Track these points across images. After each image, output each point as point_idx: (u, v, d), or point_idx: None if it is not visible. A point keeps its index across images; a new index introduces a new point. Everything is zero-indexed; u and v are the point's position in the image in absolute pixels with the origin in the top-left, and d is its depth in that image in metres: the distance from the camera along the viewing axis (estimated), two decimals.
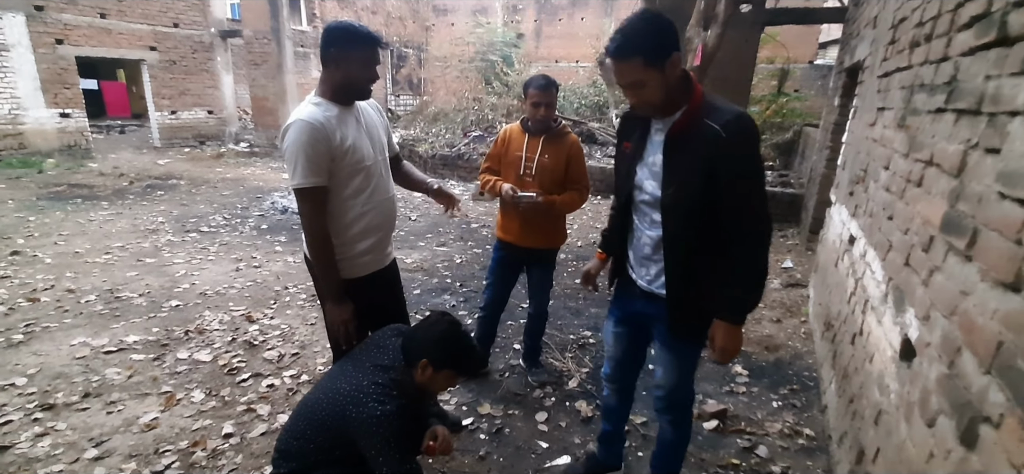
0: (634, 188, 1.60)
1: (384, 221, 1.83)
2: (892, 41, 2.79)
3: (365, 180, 1.72)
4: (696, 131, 1.39)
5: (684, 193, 1.43)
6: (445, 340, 1.57)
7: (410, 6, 18.00)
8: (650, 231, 1.58)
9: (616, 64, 1.38)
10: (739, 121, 1.36)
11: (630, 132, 1.64)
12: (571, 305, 3.84)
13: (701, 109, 1.40)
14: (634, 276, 1.68)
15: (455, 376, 1.61)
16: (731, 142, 1.34)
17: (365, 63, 1.65)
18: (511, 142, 2.51)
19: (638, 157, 1.58)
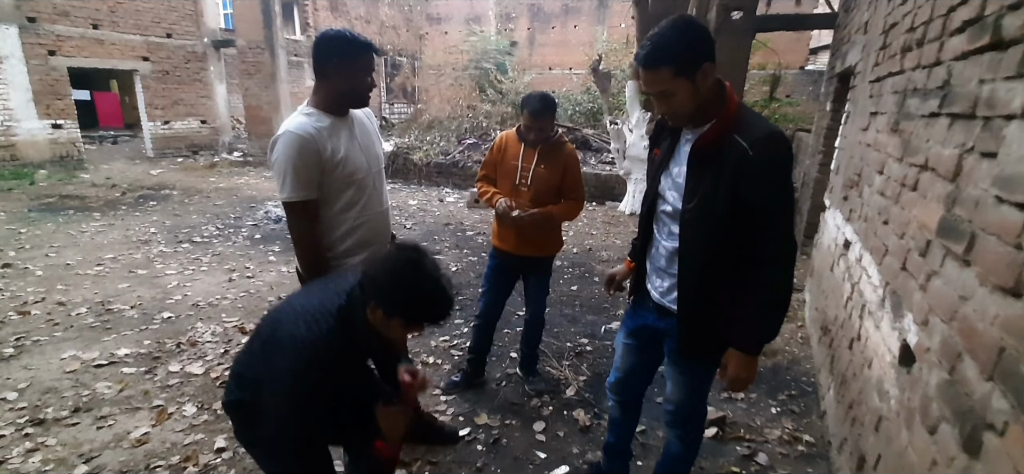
0: (657, 197, 1.57)
1: (377, 235, 1.81)
2: (883, 46, 2.80)
3: (357, 193, 1.70)
4: (724, 146, 1.34)
5: (704, 208, 1.38)
6: (398, 284, 1.23)
7: (404, 15, 18.05)
8: (667, 242, 1.54)
9: (644, 73, 1.34)
10: (770, 140, 1.30)
11: (661, 138, 1.61)
12: (567, 312, 3.83)
13: (732, 123, 1.35)
14: (649, 287, 1.65)
15: (411, 326, 1.31)
16: (758, 162, 1.29)
17: (364, 71, 1.64)
18: (507, 150, 2.50)
19: (664, 165, 1.54)
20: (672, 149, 1.53)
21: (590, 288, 4.38)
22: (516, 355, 3.08)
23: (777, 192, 1.32)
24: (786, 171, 1.34)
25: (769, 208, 1.32)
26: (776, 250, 1.34)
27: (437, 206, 7.85)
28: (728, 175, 1.32)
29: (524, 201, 2.43)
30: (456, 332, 3.46)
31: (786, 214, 1.35)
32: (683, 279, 1.49)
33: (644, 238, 1.67)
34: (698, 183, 1.40)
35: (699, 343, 1.52)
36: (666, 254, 1.55)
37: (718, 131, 1.36)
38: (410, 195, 8.58)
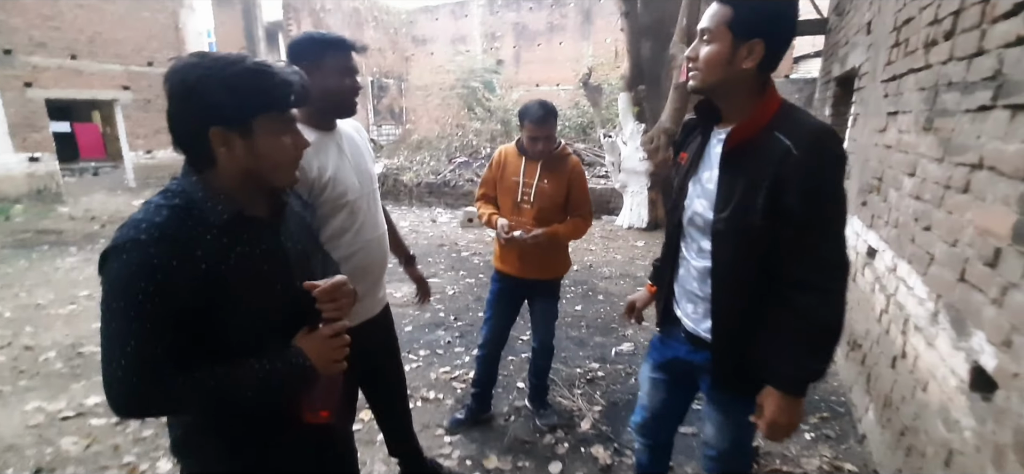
0: (684, 208, 1.36)
1: (374, 262, 1.60)
2: (897, 44, 2.68)
3: (350, 217, 1.49)
4: (762, 145, 1.15)
5: (740, 219, 1.18)
6: (229, 75, 0.90)
7: (389, 37, 18.00)
8: (698, 261, 1.33)
9: (714, 3, 1.18)
10: (819, 138, 1.10)
11: (689, 141, 1.42)
12: (574, 335, 3.62)
13: (772, 118, 1.17)
14: (679, 313, 1.43)
15: (285, 119, 0.97)
16: (804, 163, 1.08)
17: (342, 71, 1.44)
18: (507, 166, 2.32)
19: (693, 171, 1.34)
20: (701, 151, 1.33)
21: (595, 307, 4.18)
22: (523, 385, 2.87)
23: (826, 200, 1.12)
24: (837, 175, 1.13)
25: (815, 220, 1.11)
26: (823, 272, 1.13)
27: (429, 227, 7.64)
28: (767, 179, 1.12)
29: (527, 219, 2.25)
30: (457, 361, 3.24)
31: (836, 228, 1.14)
32: (718, 304, 1.28)
33: (670, 257, 1.46)
34: (732, 189, 1.19)
35: (741, 379, 1.29)
36: (697, 274, 1.33)
37: (755, 126, 1.16)
38: (401, 216, 8.37)
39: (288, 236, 1.07)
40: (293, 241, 1.08)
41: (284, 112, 0.97)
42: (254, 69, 0.93)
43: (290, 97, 0.96)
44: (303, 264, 1.10)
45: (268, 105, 0.94)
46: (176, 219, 0.89)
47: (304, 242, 1.13)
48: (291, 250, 1.06)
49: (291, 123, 1.00)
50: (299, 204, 1.18)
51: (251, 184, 0.98)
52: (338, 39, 1.44)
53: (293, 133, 1.01)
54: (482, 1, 17.95)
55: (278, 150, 0.97)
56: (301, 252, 1.10)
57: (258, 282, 0.97)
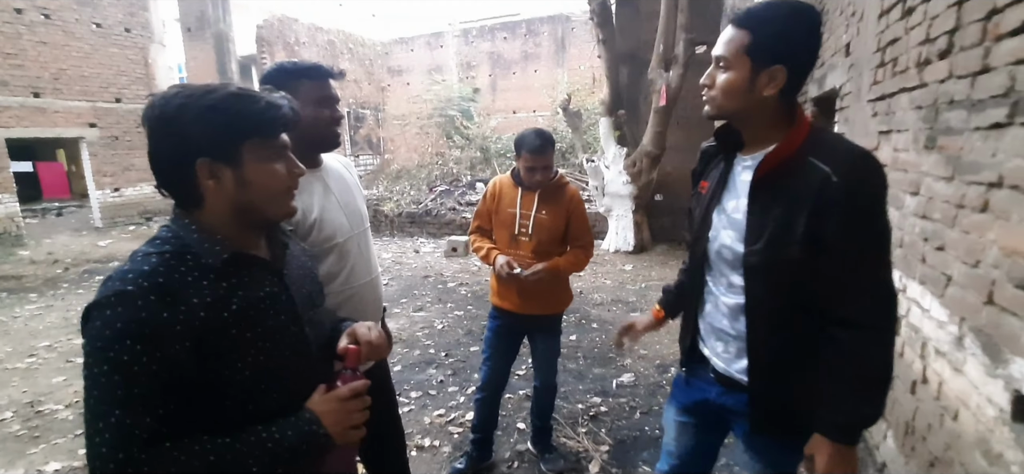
0: (708, 241, 1.27)
1: (367, 309, 1.47)
2: (882, 64, 2.70)
3: (339, 261, 1.37)
4: (797, 171, 1.08)
5: (775, 252, 1.10)
6: (215, 103, 0.81)
7: (364, 68, 17.99)
8: (728, 297, 1.23)
9: (729, 28, 1.12)
10: (859, 163, 1.03)
11: (709, 168, 1.34)
12: (572, 367, 3.49)
13: (806, 144, 1.10)
14: (706, 352, 1.33)
15: (275, 145, 0.87)
16: (846, 189, 1.01)
17: (319, 100, 1.33)
18: (502, 197, 2.23)
19: (716, 200, 1.26)
20: (724, 179, 1.25)
21: (590, 336, 4.07)
22: (524, 426, 2.72)
23: (871, 229, 1.04)
24: (881, 203, 1.06)
25: (860, 250, 1.04)
26: (869, 307, 1.05)
27: (413, 258, 7.47)
28: (805, 208, 1.04)
29: (525, 253, 2.15)
30: (451, 403, 3.07)
31: (882, 259, 1.07)
32: (754, 343, 1.18)
33: (695, 292, 1.36)
34: (764, 219, 1.11)
35: (781, 423, 1.19)
36: (727, 311, 1.24)
37: (787, 152, 1.09)
38: (383, 248, 8.17)
39: (292, 281, 0.96)
40: (297, 286, 0.97)
41: (273, 137, 0.88)
42: (237, 95, 0.84)
43: (279, 121, 0.87)
44: (310, 312, 0.98)
45: (255, 131, 0.85)
46: (167, 266, 0.79)
47: (309, 287, 1.02)
48: (297, 295, 0.95)
49: (282, 149, 0.90)
50: (298, 247, 1.07)
51: (246, 219, 0.88)
52: (313, 66, 1.34)
53: (286, 159, 0.91)
54: (457, 32, 18.16)
55: (271, 179, 0.88)
56: (307, 297, 0.99)
57: (264, 331, 0.86)
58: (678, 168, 7.15)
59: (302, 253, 1.08)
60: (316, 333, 0.98)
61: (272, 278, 0.91)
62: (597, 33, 7.14)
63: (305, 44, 15.65)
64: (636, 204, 7.05)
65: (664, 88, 6.43)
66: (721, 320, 1.27)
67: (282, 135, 0.89)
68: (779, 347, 1.15)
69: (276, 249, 0.96)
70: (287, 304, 0.92)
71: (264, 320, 0.87)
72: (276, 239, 0.97)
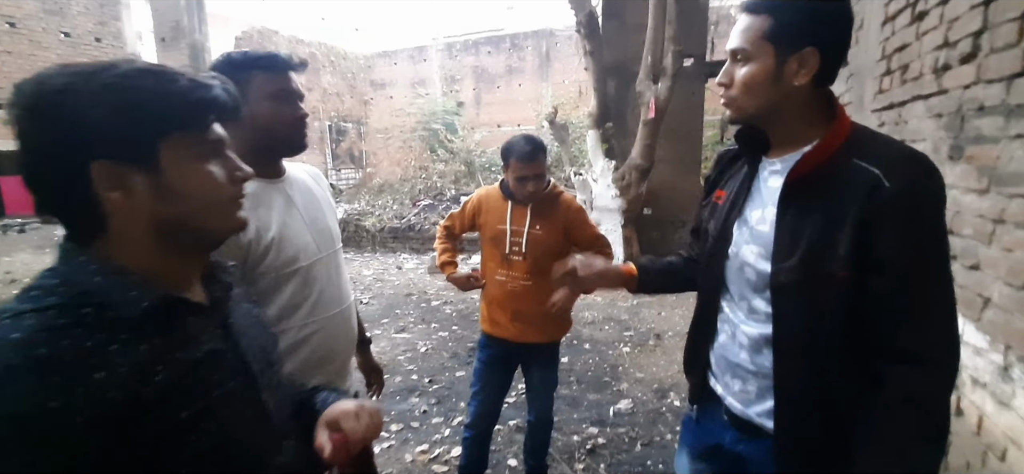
0: (726, 258, 1.08)
1: (337, 346, 1.24)
2: (888, 72, 2.59)
3: (303, 289, 1.14)
4: (839, 174, 0.90)
5: (813, 270, 0.91)
6: (127, 84, 0.59)
7: (347, 82, 17.76)
8: (750, 325, 1.04)
9: (741, 16, 0.96)
10: (914, 166, 0.87)
11: (727, 175, 1.16)
12: (565, 393, 3.27)
13: (848, 144, 0.92)
14: (720, 391, 1.13)
15: (208, 141, 0.66)
16: (902, 198, 0.84)
17: (276, 96, 1.10)
18: (489, 212, 2.00)
19: (736, 211, 1.08)
20: (747, 186, 1.07)
21: (582, 358, 3.86)
22: (516, 462, 2.49)
23: (931, 247, 0.87)
24: (942, 214, 0.88)
25: (921, 271, 0.86)
26: (933, 339, 0.86)
27: (395, 274, 7.20)
28: (851, 217, 0.87)
29: (520, 274, 1.93)
30: (435, 437, 2.82)
31: (945, 281, 0.89)
32: (783, 382, 0.98)
33: (706, 320, 1.16)
34: (798, 232, 0.93)
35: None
36: (748, 343, 1.04)
37: (827, 151, 0.92)
38: (364, 264, 7.89)
39: (241, 332, 0.72)
40: (246, 338, 0.73)
41: (203, 130, 0.65)
42: (148, 71, 0.60)
43: (208, 106, 0.64)
44: (267, 373, 0.74)
45: (177, 121, 0.62)
46: (52, 330, 0.53)
47: (262, 339, 0.77)
48: (249, 351, 0.71)
49: (217, 145, 0.67)
50: (241, 289, 0.82)
51: (173, 245, 0.64)
52: (267, 55, 1.11)
53: (223, 159, 0.67)
54: (440, 46, 18.07)
55: (204, 184, 0.65)
56: (260, 353, 0.75)
57: (208, 406, 0.62)
58: (668, 181, 7.05)
59: (246, 296, 0.84)
60: (273, 399, 0.74)
61: (214, 330, 0.68)
62: (584, 45, 7.05)
63: None
64: (625, 218, 6.91)
65: (652, 100, 6.33)
66: (739, 353, 1.07)
67: (215, 126, 0.66)
68: (813, 386, 0.95)
69: (216, 290, 0.72)
70: (237, 364, 0.68)
71: (207, 389, 0.63)
72: (216, 277, 0.73)
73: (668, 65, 6.30)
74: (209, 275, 0.72)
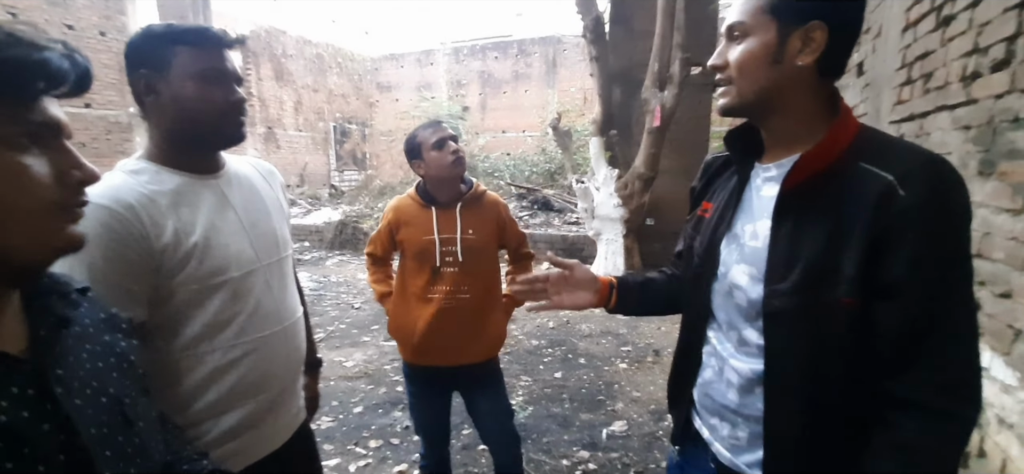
0: (713, 280, 0.93)
1: (277, 368, 1.06)
2: (909, 81, 2.43)
3: (232, 303, 0.97)
4: (844, 183, 0.77)
5: (812, 293, 0.77)
6: None
7: (353, 83, 17.74)
8: (739, 360, 0.89)
9: None
10: (932, 172, 0.73)
11: (714, 186, 1.01)
12: (556, 411, 3.10)
13: (855, 146, 0.79)
14: (707, 434, 0.98)
15: (29, 123, 0.49)
16: (920, 209, 0.71)
17: (203, 76, 0.94)
18: (410, 225, 1.73)
19: (724, 226, 0.93)
20: (738, 196, 0.92)
21: (577, 374, 3.68)
22: None
23: (954, 268, 0.73)
24: (966, 231, 0.75)
25: (941, 298, 0.72)
26: (947, 386, 0.72)
27: None
28: (858, 231, 0.74)
29: (454, 287, 1.69)
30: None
31: (969, 312, 0.75)
32: (775, 427, 0.83)
33: (690, 352, 1.01)
34: (796, 248, 0.79)
35: None
36: (739, 380, 0.88)
37: (830, 153, 0.79)
38: (360, 268, 7.74)
39: (72, 381, 0.53)
40: (86, 388, 0.54)
41: (22, 105, 0.48)
42: None
43: (33, 76, 0.47)
44: (115, 440, 0.55)
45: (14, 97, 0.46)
46: None
47: (114, 389, 0.58)
48: (83, 414, 0.52)
49: (45, 130, 0.50)
50: (95, 313, 0.64)
51: None
52: (195, 29, 0.95)
53: (53, 150, 0.51)
54: (447, 50, 18.05)
55: (5, 182, 0.47)
56: (107, 412, 0.56)
57: None
58: (671, 191, 6.88)
59: (106, 324, 0.64)
60: (130, 453, 0.56)
61: (27, 390, 0.49)
62: (590, 51, 6.93)
63: (293, 56, 15.36)
64: (627, 228, 6.76)
65: (658, 108, 6.19)
66: (727, 393, 0.91)
67: (45, 103, 0.50)
68: (810, 433, 0.81)
69: (41, 328, 0.54)
70: (59, 437, 0.49)
71: (9, 473, 0.45)
72: (44, 309, 0.55)
73: (675, 73, 6.17)
74: (37, 304, 0.54)
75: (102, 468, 0.51)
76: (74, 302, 0.58)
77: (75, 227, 0.53)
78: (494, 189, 7.04)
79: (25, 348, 0.51)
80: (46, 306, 0.55)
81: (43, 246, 0.51)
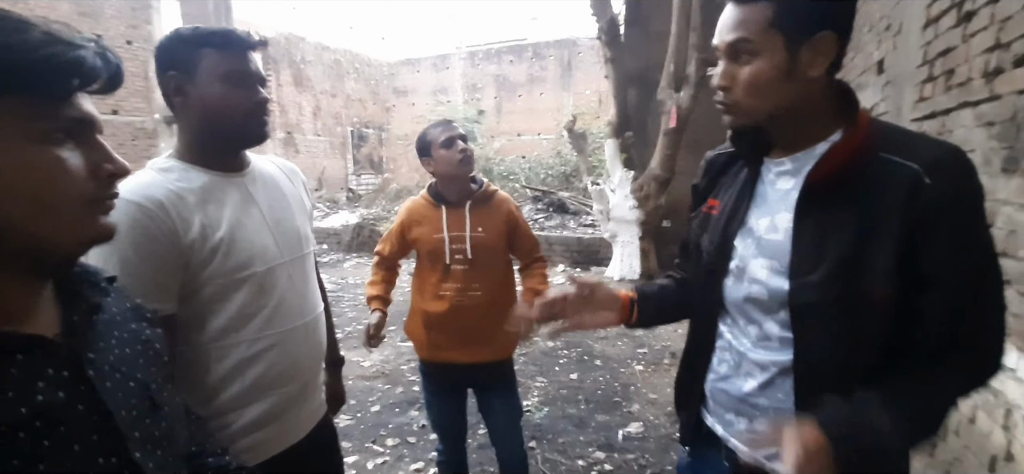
0: (725, 275, 0.93)
1: (300, 362, 1.09)
2: (930, 78, 2.39)
3: (257, 297, 1.00)
4: (868, 174, 0.78)
5: (845, 286, 0.78)
6: None
7: (370, 88, 17.97)
8: (759, 353, 0.89)
9: (734, 6, 0.80)
10: (955, 163, 0.76)
11: (721, 182, 1.01)
12: (571, 412, 3.10)
13: (871, 137, 0.80)
14: (720, 431, 0.97)
15: (63, 119, 0.50)
16: (949, 197, 0.73)
17: (229, 78, 0.97)
18: (421, 224, 1.77)
19: (737, 221, 0.93)
20: (750, 191, 0.92)
21: (593, 375, 3.68)
22: None
23: (984, 257, 0.77)
24: (983, 219, 0.78)
25: (973, 289, 0.76)
26: (974, 372, 0.80)
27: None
28: (891, 223, 0.75)
29: (465, 285, 1.72)
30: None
31: (992, 287, 0.78)
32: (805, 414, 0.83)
33: (702, 348, 1.00)
34: (823, 240, 0.80)
35: None
36: (760, 374, 0.88)
37: (854, 148, 0.79)
38: None
39: (103, 365, 0.56)
40: (115, 372, 0.57)
41: (55, 101, 0.50)
42: (37, 35, 0.47)
43: (68, 73, 0.49)
44: (143, 423, 0.58)
45: (14, 83, 0.47)
46: None
47: (141, 375, 0.61)
48: (113, 397, 0.54)
49: (79, 126, 0.52)
50: (123, 302, 0.66)
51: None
52: (221, 32, 0.99)
53: (87, 145, 0.53)
54: (463, 54, 18.17)
55: (46, 176, 0.49)
56: (135, 396, 0.58)
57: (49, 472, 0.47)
58: (688, 193, 6.74)
59: (132, 313, 0.66)
60: (157, 458, 0.58)
61: (62, 373, 0.51)
62: (605, 53, 6.92)
63: (311, 62, 15.62)
64: (643, 230, 6.72)
65: (674, 109, 6.15)
66: (745, 386, 0.91)
67: (79, 99, 0.52)
68: None
69: (74, 314, 0.56)
70: (93, 418, 0.52)
71: (46, 452, 0.47)
72: (75, 294, 0.57)
73: (691, 73, 6.12)
74: (69, 292, 0.57)
75: (132, 450, 0.54)
76: (104, 290, 0.61)
77: (107, 218, 0.55)
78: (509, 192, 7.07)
79: (58, 333, 0.54)
80: (78, 293, 0.57)
81: (78, 236, 0.53)
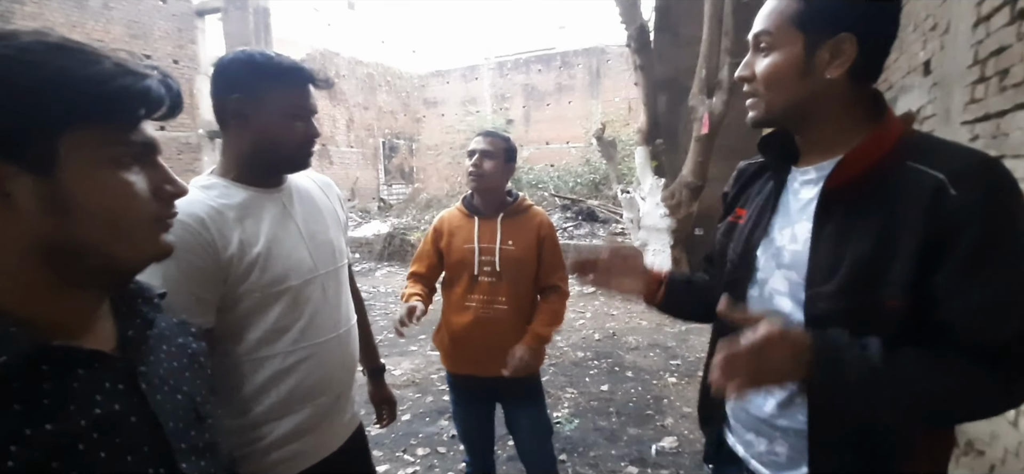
0: (749, 287, 0.91)
1: (333, 373, 1.11)
2: (982, 78, 2.27)
3: (292, 310, 1.03)
4: (890, 181, 0.75)
5: (859, 297, 0.74)
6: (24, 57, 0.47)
7: (401, 100, 18.32)
8: None
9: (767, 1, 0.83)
10: (986, 171, 0.71)
11: (747, 192, 0.99)
12: (602, 424, 3.05)
13: (901, 147, 0.76)
14: (741, 451, 0.94)
15: (130, 144, 0.53)
16: (976, 208, 0.68)
17: (291, 112, 1.02)
18: (453, 233, 1.79)
19: (760, 231, 0.90)
20: (774, 201, 0.90)
21: (624, 387, 3.62)
22: None
23: (1010, 272, 0.70)
24: (1018, 219, 0.71)
25: (1001, 308, 0.69)
26: (1007, 392, 0.72)
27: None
28: (909, 233, 0.71)
29: (491, 297, 1.72)
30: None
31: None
32: (820, 442, 0.80)
33: None
34: (840, 249, 0.76)
35: None
36: (779, 392, 0.85)
37: (875, 152, 0.76)
38: None
39: (154, 378, 0.58)
40: (165, 385, 0.59)
41: (124, 128, 0.52)
42: (60, 48, 0.49)
43: (137, 103, 0.52)
44: (190, 435, 0.60)
45: (89, 113, 0.49)
46: None
47: (188, 388, 0.63)
48: (163, 410, 0.57)
49: (144, 150, 0.54)
50: (169, 320, 0.69)
51: (66, 275, 0.51)
52: (291, 67, 1.02)
53: (149, 167, 0.55)
54: (492, 64, 18.35)
55: (117, 197, 0.52)
56: (183, 410, 0.60)
57: None
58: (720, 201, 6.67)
59: (178, 327, 0.70)
60: (201, 468, 0.60)
61: (117, 385, 0.54)
62: (634, 60, 6.87)
63: (345, 76, 16.04)
64: (674, 238, 6.59)
65: (706, 116, 6.04)
66: (764, 406, 0.87)
67: (144, 127, 0.55)
68: (858, 441, 0.78)
69: (129, 329, 0.59)
70: (144, 429, 0.54)
71: (102, 462, 0.50)
72: (131, 311, 0.60)
73: (724, 78, 6.00)
74: (124, 307, 0.60)
75: (179, 460, 0.56)
76: (157, 305, 0.64)
77: (167, 236, 0.59)
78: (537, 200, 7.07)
79: (115, 347, 0.57)
80: (133, 309, 0.60)
81: (141, 253, 0.56)
